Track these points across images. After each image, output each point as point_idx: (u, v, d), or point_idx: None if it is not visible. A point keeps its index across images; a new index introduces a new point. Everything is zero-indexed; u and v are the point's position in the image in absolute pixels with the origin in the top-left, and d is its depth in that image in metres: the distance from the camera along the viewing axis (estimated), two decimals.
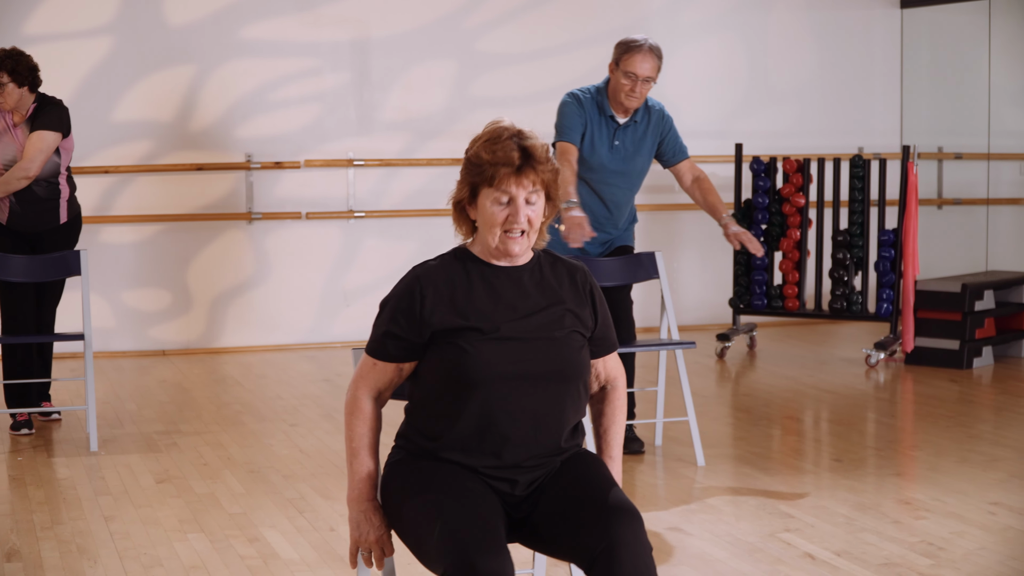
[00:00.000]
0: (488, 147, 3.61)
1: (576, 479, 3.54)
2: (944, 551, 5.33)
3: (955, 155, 11.52)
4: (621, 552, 3.33)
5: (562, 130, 6.77)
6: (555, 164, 3.64)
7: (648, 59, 6.66)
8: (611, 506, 3.42)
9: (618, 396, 3.79)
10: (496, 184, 3.56)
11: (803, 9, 11.39)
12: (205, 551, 5.48)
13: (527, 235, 3.59)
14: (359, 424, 3.63)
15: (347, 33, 10.42)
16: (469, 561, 3.27)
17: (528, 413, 3.53)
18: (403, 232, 10.58)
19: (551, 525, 3.51)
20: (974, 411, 8.13)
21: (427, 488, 3.50)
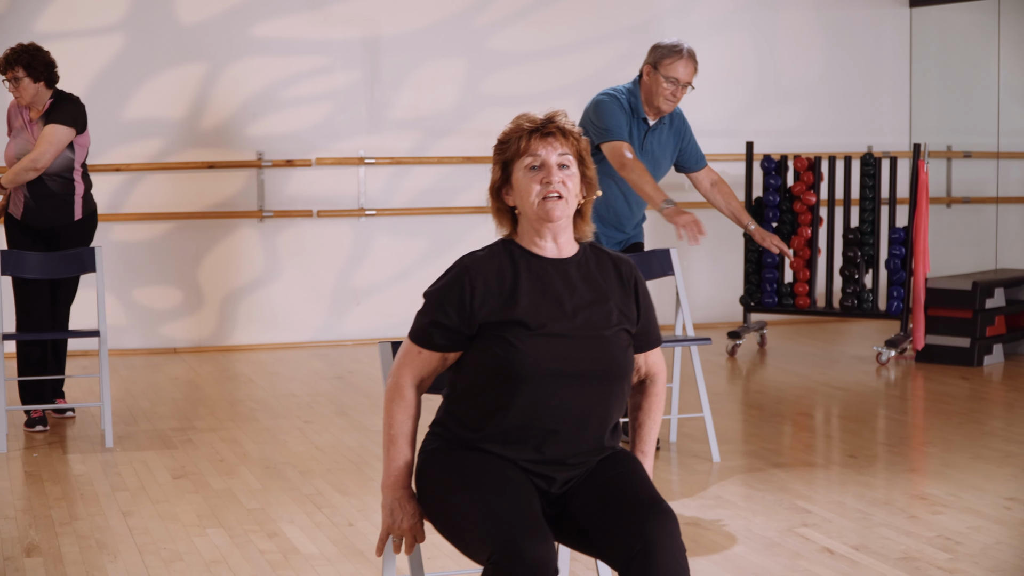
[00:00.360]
0: (512, 123, 3.66)
1: (612, 479, 3.54)
2: (961, 545, 5.35)
3: (964, 153, 11.54)
4: (658, 553, 3.34)
5: (612, 129, 6.77)
6: (581, 135, 3.67)
7: (690, 65, 6.81)
8: (648, 506, 3.43)
9: (657, 392, 3.78)
10: (524, 151, 3.59)
11: (812, 8, 11.41)
12: (225, 546, 5.50)
13: (565, 200, 3.57)
14: (399, 411, 3.61)
15: (358, 31, 10.44)
16: (516, 547, 3.28)
17: (573, 411, 3.53)
18: (414, 230, 10.60)
19: (586, 523, 3.51)
20: (985, 408, 8.15)
21: (468, 477, 3.51)
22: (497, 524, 3.35)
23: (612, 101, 6.80)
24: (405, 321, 10.36)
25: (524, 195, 3.57)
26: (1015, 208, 11.39)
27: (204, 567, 5.24)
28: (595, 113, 6.81)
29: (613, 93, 6.85)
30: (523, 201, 3.58)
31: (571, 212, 3.60)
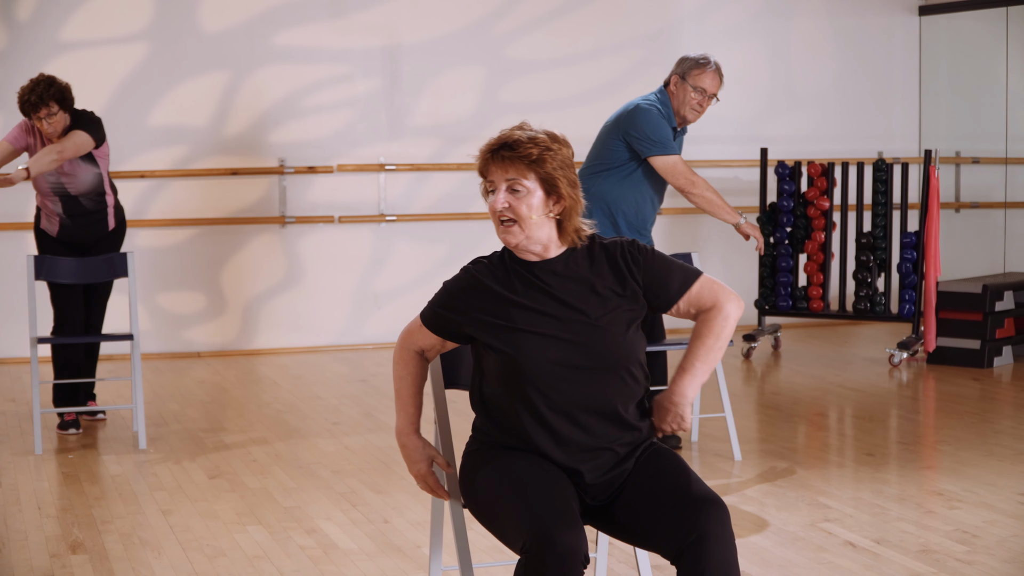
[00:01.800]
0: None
1: (656, 472, 3.70)
2: (978, 538, 5.52)
3: (972, 159, 11.71)
4: (712, 544, 3.49)
5: (664, 143, 6.96)
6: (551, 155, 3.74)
7: (717, 77, 7.03)
8: (699, 497, 3.58)
9: (712, 316, 3.80)
10: (482, 172, 3.77)
11: (824, 16, 11.59)
12: (265, 542, 5.68)
13: (517, 224, 3.72)
14: (400, 367, 3.93)
15: (378, 40, 10.62)
16: (548, 536, 3.44)
17: (579, 402, 3.69)
18: (433, 236, 10.78)
19: (635, 514, 3.67)
20: (997, 408, 8.32)
21: (503, 470, 3.69)
22: (530, 514, 3.52)
23: (657, 114, 6.97)
24: None
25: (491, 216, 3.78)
26: (1023, 213, 11.56)
27: (247, 562, 5.41)
28: (641, 123, 6.95)
29: (653, 104, 7.02)
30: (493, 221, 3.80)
31: (532, 233, 3.72)
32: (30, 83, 7.68)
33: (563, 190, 3.73)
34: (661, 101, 7.02)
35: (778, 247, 10.15)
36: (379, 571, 5.29)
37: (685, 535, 3.52)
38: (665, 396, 3.78)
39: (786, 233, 10.11)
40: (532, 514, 3.52)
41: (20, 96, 7.66)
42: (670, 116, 7.03)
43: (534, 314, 3.72)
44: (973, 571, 5.12)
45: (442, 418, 4.06)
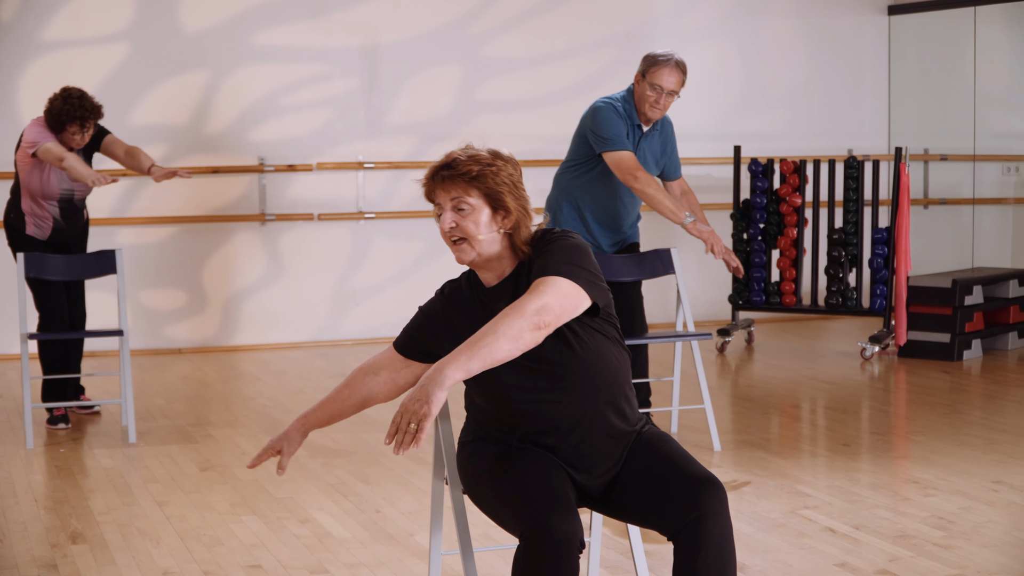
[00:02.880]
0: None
1: (654, 454, 3.83)
2: (954, 524, 5.71)
3: (941, 156, 11.91)
4: (710, 523, 3.64)
5: (613, 139, 7.06)
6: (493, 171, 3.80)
7: (674, 73, 7.09)
8: (697, 478, 3.71)
9: (511, 306, 3.76)
10: (429, 198, 3.86)
11: (795, 16, 11.78)
12: (261, 531, 5.82)
13: (467, 242, 3.80)
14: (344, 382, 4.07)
15: (357, 39, 10.76)
16: (545, 523, 3.59)
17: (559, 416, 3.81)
18: (411, 232, 10.92)
19: (632, 497, 3.81)
20: (967, 399, 8.52)
21: (500, 458, 3.84)
22: (528, 502, 3.66)
23: (609, 109, 7.09)
24: (403, 321, 10.65)
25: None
26: (990, 209, 11.78)
27: (245, 551, 5.55)
28: (593, 121, 7.11)
29: (609, 100, 7.16)
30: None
31: (484, 250, 3.81)
32: (69, 97, 7.76)
33: (509, 204, 3.81)
34: (625, 99, 7.14)
35: (751, 243, 10.33)
36: (374, 558, 5.43)
37: (684, 514, 3.66)
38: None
39: (759, 229, 10.29)
40: (529, 502, 3.66)
41: (61, 108, 7.73)
42: (631, 113, 7.13)
43: None
44: (950, 555, 5.30)
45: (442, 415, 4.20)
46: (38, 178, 7.83)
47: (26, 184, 7.85)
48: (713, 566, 3.65)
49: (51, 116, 7.74)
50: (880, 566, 5.20)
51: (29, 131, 7.83)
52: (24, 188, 7.89)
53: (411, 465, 6.93)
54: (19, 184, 7.93)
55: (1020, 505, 6.00)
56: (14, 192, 8.00)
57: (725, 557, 3.67)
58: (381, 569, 5.30)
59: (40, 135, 7.77)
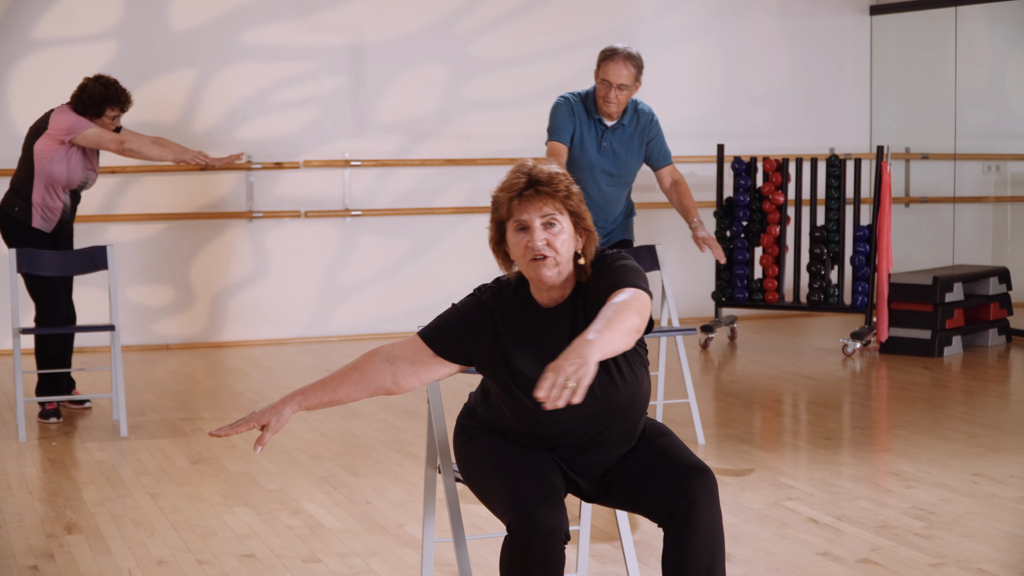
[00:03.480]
0: (500, 184, 3.87)
1: (648, 444, 3.94)
2: (935, 515, 5.82)
3: (922, 155, 12.04)
4: (700, 510, 3.73)
5: (552, 131, 7.19)
6: (576, 191, 3.84)
7: (622, 67, 7.01)
8: (689, 467, 3.81)
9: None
10: (510, 214, 3.81)
11: (778, 16, 11.90)
12: (254, 522, 5.91)
13: (553, 260, 3.78)
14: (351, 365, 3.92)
15: (343, 38, 10.84)
16: (531, 516, 3.68)
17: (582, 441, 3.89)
18: (397, 230, 11.01)
19: (626, 485, 3.91)
20: (948, 395, 8.64)
21: (494, 447, 3.93)
22: (517, 495, 3.75)
23: (562, 104, 7.18)
24: (389, 317, 10.89)
25: (517, 257, 3.82)
26: (971, 207, 11.90)
27: (238, 540, 5.64)
28: (549, 114, 7.26)
29: (568, 96, 7.22)
30: (518, 261, 3.85)
31: (564, 268, 3.80)
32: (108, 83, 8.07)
33: (588, 224, 3.85)
34: (588, 95, 7.19)
35: (734, 241, 10.44)
36: (366, 548, 5.53)
37: (675, 502, 3.76)
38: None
39: (742, 227, 10.41)
40: (517, 494, 3.75)
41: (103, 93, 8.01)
42: (591, 108, 7.16)
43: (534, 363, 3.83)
44: (931, 545, 5.41)
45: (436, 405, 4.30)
46: (64, 166, 7.94)
47: (47, 173, 7.93)
48: (702, 553, 3.74)
49: (91, 101, 7.94)
50: (862, 555, 5.31)
51: (63, 118, 7.94)
52: (41, 177, 7.95)
53: (399, 458, 7.03)
54: (30, 175, 7.98)
55: (1000, 497, 6.11)
56: (23, 184, 8.03)
57: (714, 544, 3.77)
58: (373, 559, 5.40)
59: (79, 121, 7.90)
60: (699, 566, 3.73)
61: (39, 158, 7.94)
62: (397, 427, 7.76)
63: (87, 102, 8.02)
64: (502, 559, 3.74)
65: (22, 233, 8.00)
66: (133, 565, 5.35)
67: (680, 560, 3.75)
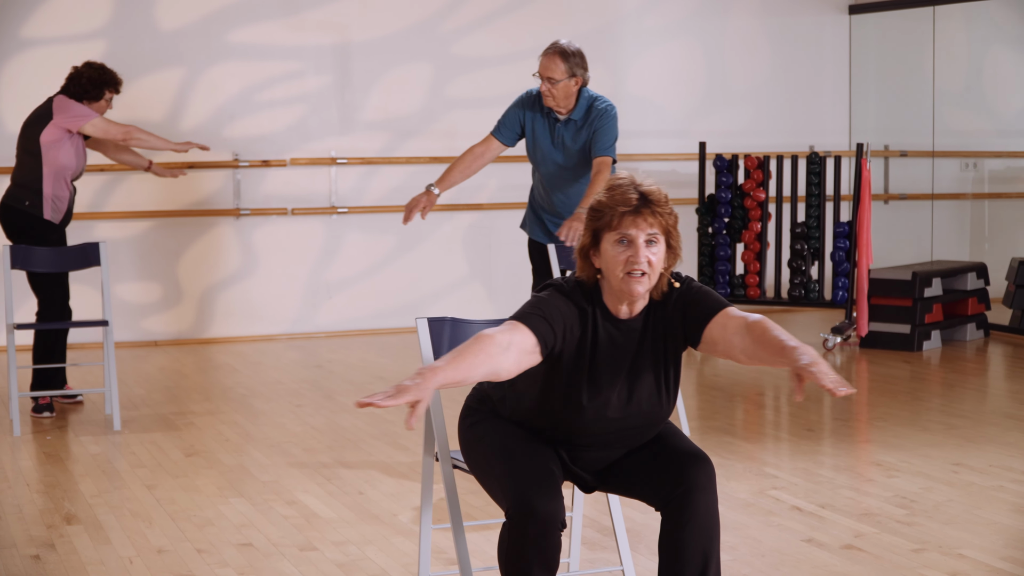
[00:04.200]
0: (608, 193, 3.91)
1: None
2: (916, 503, 5.97)
3: (900, 153, 12.20)
4: (697, 495, 3.86)
5: (497, 123, 7.45)
6: (673, 210, 3.91)
7: (550, 61, 7.09)
8: (687, 453, 3.94)
9: (760, 323, 3.90)
10: (615, 226, 3.84)
11: (758, 15, 12.04)
12: (249, 512, 6.03)
13: (648, 277, 3.84)
14: (476, 341, 3.78)
15: (329, 37, 10.96)
16: (529, 504, 3.80)
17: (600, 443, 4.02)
18: (383, 227, 11.13)
19: (625, 471, 4.04)
20: (927, 388, 8.80)
21: (496, 434, 4.04)
22: (516, 483, 3.87)
23: (516, 100, 7.39)
24: (374, 314, 11.02)
25: (611, 267, 3.85)
26: (949, 204, 12.06)
27: (235, 530, 5.76)
28: None
29: (529, 91, 7.39)
30: (610, 272, 3.86)
31: (652, 285, 3.88)
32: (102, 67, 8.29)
33: (678, 245, 3.91)
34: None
35: (716, 237, 10.58)
36: (361, 537, 5.65)
37: (673, 487, 3.88)
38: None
39: (724, 223, 10.55)
40: (515, 483, 3.87)
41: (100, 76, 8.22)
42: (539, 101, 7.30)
43: (606, 368, 3.93)
44: (913, 532, 5.56)
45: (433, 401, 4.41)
46: (72, 154, 8.09)
47: (57, 162, 8.05)
48: (699, 536, 3.87)
49: (89, 84, 8.11)
50: (846, 541, 5.45)
51: (70, 107, 8.08)
52: (51, 168, 8.06)
53: (389, 450, 7.15)
54: (37, 168, 8.07)
55: (979, 485, 6.26)
56: (31, 177, 8.12)
57: (711, 529, 3.90)
58: (368, 547, 5.52)
59: (86, 110, 8.06)
60: (696, 549, 3.86)
61: (47, 148, 8.05)
62: (386, 420, 7.87)
63: (86, 86, 8.16)
64: (500, 545, 3.86)
65: (30, 227, 8.09)
66: (133, 554, 5.47)
67: (678, 543, 3.88)
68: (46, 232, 8.10)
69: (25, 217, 8.10)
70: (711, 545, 3.89)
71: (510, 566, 3.84)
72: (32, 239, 8.07)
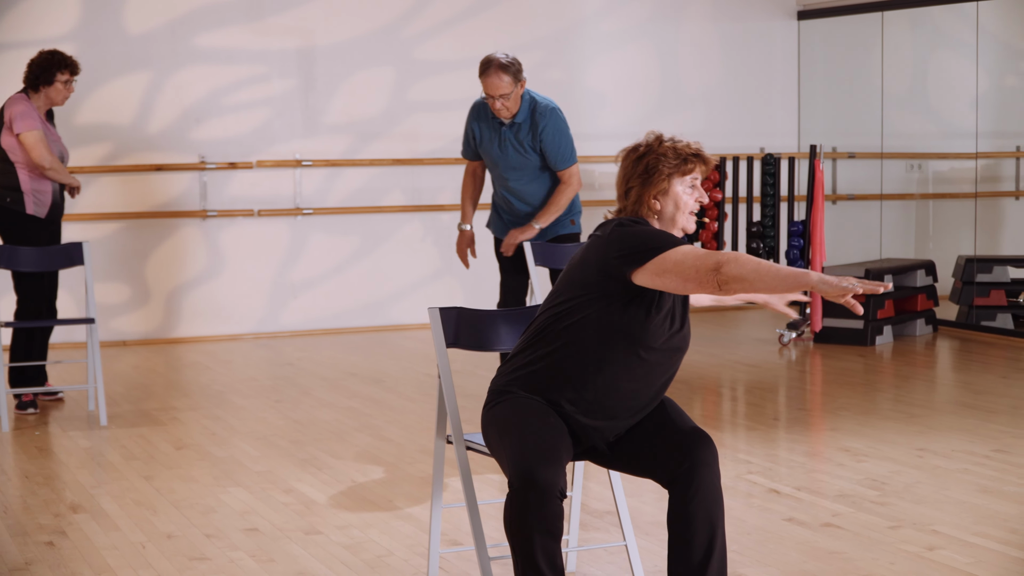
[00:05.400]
0: (670, 145, 4.32)
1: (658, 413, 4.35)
2: (887, 485, 6.28)
3: (848, 154, 12.55)
4: (702, 471, 4.15)
5: (462, 145, 7.80)
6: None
7: (496, 79, 7.31)
8: (691, 432, 4.24)
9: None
10: (687, 171, 4.31)
11: (710, 21, 12.37)
12: (250, 500, 6.25)
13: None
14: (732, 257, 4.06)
15: (294, 42, 11.18)
16: (530, 473, 4.06)
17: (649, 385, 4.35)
18: (347, 228, 11.36)
19: (633, 450, 4.32)
20: (883, 380, 9.13)
21: (515, 416, 4.27)
22: (521, 456, 4.13)
23: (469, 111, 7.70)
24: (339, 313, 11.26)
25: (682, 206, 4.31)
26: (896, 204, 12.42)
27: (239, 516, 5.98)
28: None
29: (476, 101, 7.67)
30: (679, 210, 4.31)
31: None
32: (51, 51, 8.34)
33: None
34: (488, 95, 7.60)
35: None
36: (362, 521, 5.89)
37: (678, 464, 4.17)
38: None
39: None
40: (520, 454, 4.13)
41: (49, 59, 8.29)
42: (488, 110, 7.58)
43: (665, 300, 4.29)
44: (887, 510, 5.86)
45: (446, 378, 4.67)
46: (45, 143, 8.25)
47: (29, 160, 8.19)
48: (706, 509, 4.16)
49: (39, 70, 8.24)
50: (825, 520, 5.75)
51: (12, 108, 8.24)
52: (21, 164, 8.22)
53: (374, 441, 7.38)
54: (9, 164, 8.24)
55: (945, 468, 6.58)
56: (7, 177, 8.29)
57: (716, 502, 4.19)
58: (370, 530, 5.76)
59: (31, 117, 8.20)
60: (703, 520, 4.14)
61: (11, 151, 8.22)
62: (365, 414, 8.10)
63: (37, 73, 8.30)
64: (505, 515, 4.12)
65: (15, 224, 8.25)
66: (144, 539, 5.67)
67: (686, 516, 4.16)
68: (36, 229, 8.27)
69: (9, 215, 8.27)
70: (717, 516, 4.17)
71: (514, 534, 4.10)
72: (22, 237, 8.24)
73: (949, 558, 5.22)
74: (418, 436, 7.51)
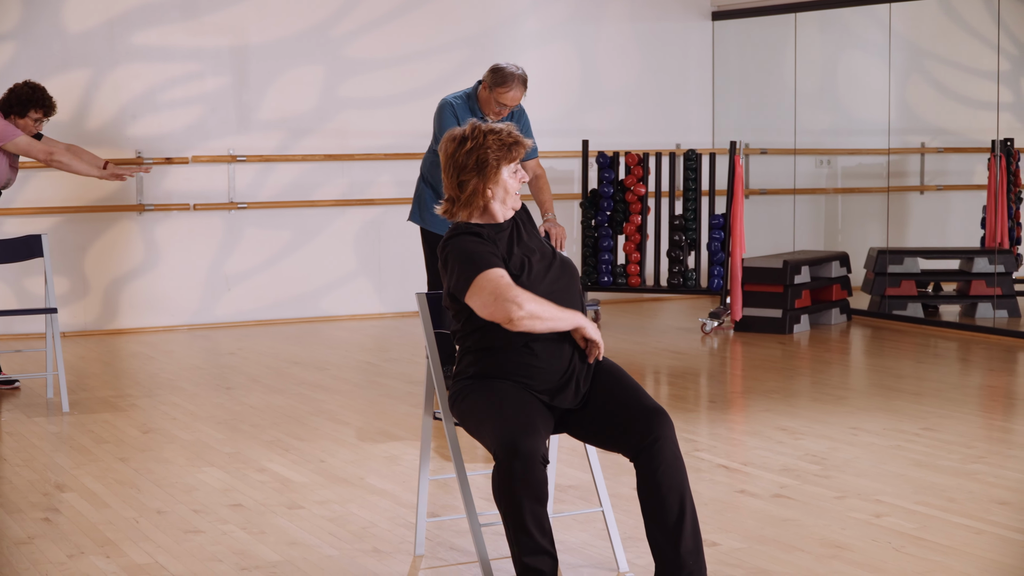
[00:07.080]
0: (495, 137, 4.82)
1: (611, 389, 4.76)
2: (827, 460, 6.73)
3: (761, 151, 13.04)
4: (663, 444, 4.58)
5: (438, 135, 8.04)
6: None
7: (518, 92, 7.89)
8: (650, 408, 4.65)
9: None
10: (515, 157, 4.84)
11: (627, 21, 12.81)
12: (227, 479, 6.56)
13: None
14: (532, 300, 4.69)
15: (227, 40, 11.45)
16: (513, 444, 4.45)
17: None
18: (280, 222, 11.65)
19: (599, 426, 4.73)
20: (804, 365, 9.61)
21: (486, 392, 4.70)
22: (502, 428, 4.52)
23: (446, 107, 8.00)
24: (271, 305, 11.60)
25: (511, 188, 4.86)
26: (808, 198, 12.93)
27: (220, 493, 6.30)
28: (436, 119, 8.05)
29: (451, 100, 8.03)
30: (508, 192, 4.86)
31: None
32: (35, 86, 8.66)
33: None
34: (469, 96, 8.01)
35: (599, 229, 11.30)
36: (339, 497, 6.23)
37: (641, 438, 4.60)
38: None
39: (606, 216, 11.28)
40: (502, 428, 4.52)
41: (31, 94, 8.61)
42: (475, 108, 7.97)
43: (516, 258, 4.85)
44: (831, 482, 6.31)
45: (434, 358, 5.04)
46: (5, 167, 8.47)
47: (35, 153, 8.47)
48: (672, 476, 4.58)
49: (16, 100, 8.47)
50: (774, 492, 6.18)
51: None
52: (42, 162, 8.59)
53: (332, 424, 7.71)
54: None
55: (879, 445, 7.05)
56: None
57: (679, 469, 4.61)
58: (349, 504, 6.10)
59: (8, 129, 8.40)
60: (671, 486, 4.58)
61: None
62: (317, 399, 8.43)
63: (13, 101, 8.56)
64: (494, 484, 4.51)
65: None
66: (136, 515, 5.97)
67: (653, 485, 4.58)
68: None
69: None
70: (683, 482, 4.62)
71: (503, 501, 4.48)
72: None
73: (896, 524, 5.66)
74: (374, 419, 7.85)
